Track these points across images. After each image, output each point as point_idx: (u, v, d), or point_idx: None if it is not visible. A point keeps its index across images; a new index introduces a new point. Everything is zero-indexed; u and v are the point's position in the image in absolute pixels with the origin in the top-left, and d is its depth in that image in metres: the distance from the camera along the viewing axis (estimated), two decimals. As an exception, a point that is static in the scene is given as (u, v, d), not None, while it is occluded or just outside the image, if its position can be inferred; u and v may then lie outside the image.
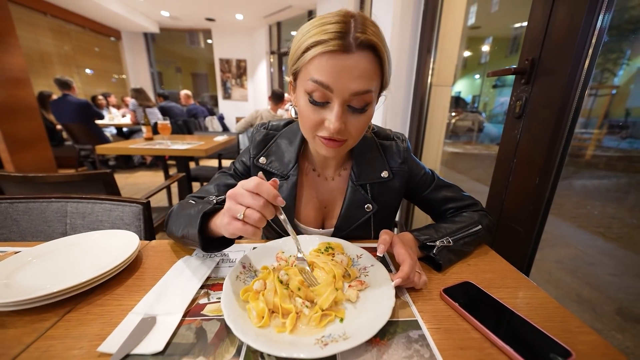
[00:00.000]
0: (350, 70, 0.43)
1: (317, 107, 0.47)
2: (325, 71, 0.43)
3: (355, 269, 0.49)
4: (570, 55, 0.64)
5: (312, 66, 0.44)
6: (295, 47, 0.47)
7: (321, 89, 0.44)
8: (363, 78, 0.44)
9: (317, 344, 0.33)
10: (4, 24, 2.47)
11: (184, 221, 0.50)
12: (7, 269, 0.44)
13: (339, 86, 0.44)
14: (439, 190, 0.65)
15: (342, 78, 0.43)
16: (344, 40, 0.42)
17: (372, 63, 0.44)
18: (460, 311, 0.41)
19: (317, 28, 0.43)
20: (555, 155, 0.70)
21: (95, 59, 5.54)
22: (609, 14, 0.61)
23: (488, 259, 0.56)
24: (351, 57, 0.42)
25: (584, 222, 2.27)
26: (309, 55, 0.43)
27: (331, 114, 0.46)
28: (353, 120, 0.48)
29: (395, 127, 1.68)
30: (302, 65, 0.46)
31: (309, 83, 0.45)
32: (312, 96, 0.46)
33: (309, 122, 0.49)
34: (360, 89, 0.44)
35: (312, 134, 0.50)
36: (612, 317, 1.33)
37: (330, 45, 0.42)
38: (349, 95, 0.44)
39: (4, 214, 0.75)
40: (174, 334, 0.36)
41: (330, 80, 0.43)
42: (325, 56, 0.43)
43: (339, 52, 0.42)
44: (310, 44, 0.43)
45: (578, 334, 0.38)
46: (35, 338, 0.35)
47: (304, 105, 0.48)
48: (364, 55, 0.43)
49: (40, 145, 2.83)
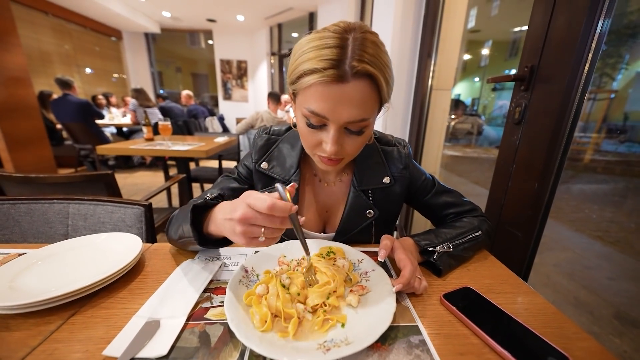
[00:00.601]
0: (346, 100, 0.42)
1: (314, 130, 0.48)
2: (321, 101, 0.43)
3: (357, 273, 0.49)
4: (570, 62, 0.65)
5: (309, 94, 0.44)
6: (293, 66, 0.45)
7: (317, 118, 0.45)
8: (359, 107, 0.43)
9: (319, 349, 0.33)
10: (5, 23, 2.47)
11: (180, 218, 0.51)
12: (12, 272, 0.45)
13: (335, 115, 0.44)
14: (440, 195, 0.66)
15: (338, 108, 0.43)
16: (339, 69, 0.41)
17: (368, 91, 0.43)
18: (460, 316, 0.41)
19: (314, 52, 0.42)
20: (554, 161, 0.70)
21: (96, 59, 5.54)
22: (608, 20, 0.62)
23: (487, 264, 0.57)
24: (346, 86, 0.42)
25: (582, 226, 2.28)
26: (305, 82, 0.43)
27: (327, 137, 0.46)
28: (350, 141, 0.48)
29: (396, 130, 1.69)
30: (299, 89, 0.46)
31: (305, 110, 0.45)
32: (310, 120, 0.46)
33: (307, 142, 0.51)
34: (356, 118, 0.44)
35: (311, 152, 0.52)
36: (610, 321, 1.34)
37: (325, 76, 0.41)
38: (344, 123, 0.45)
39: (6, 214, 0.75)
40: (178, 338, 0.36)
41: (325, 111, 0.43)
42: (320, 86, 0.42)
43: (334, 82, 0.41)
44: (306, 71, 0.42)
45: (575, 340, 0.38)
46: (40, 341, 0.35)
47: (302, 127, 0.49)
48: (360, 84, 0.42)
49: (40, 144, 2.83)
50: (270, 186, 0.63)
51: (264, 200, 0.35)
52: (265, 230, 0.37)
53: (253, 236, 0.38)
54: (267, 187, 0.63)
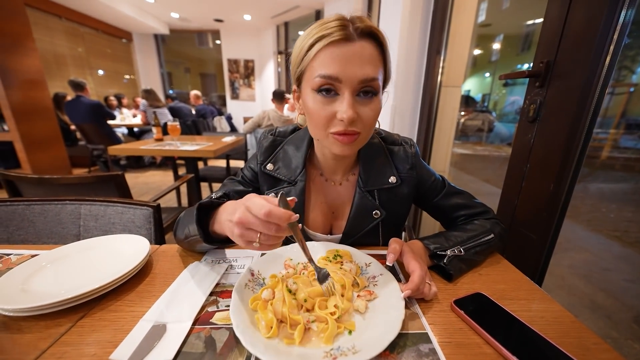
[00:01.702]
0: (356, 57, 0.44)
1: (326, 102, 0.47)
2: (332, 62, 0.44)
3: (364, 277, 0.48)
4: (589, 56, 0.62)
5: (318, 61, 0.45)
6: (298, 50, 0.48)
7: (330, 82, 0.45)
8: (369, 64, 0.45)
9: (326, 357, 0.32)
10: (22, 28, 2.55)
11: (187, 219, 0.51)
12: (24, 274, 0.45)
13: (347, 74, 0.44)
14: (450, 197, 0.64)
15: (349, 65, 0.44)
16: (346, 30, 0.44)
17: (375, 50, 0.46)
18: (472, 324, 0.40)
19: (318, 27, 0.45)
20: (571, 161, 0.67)
21: (108, 61, 5.67)
22: (632, 9, 0.58)
23: (500, 268, 0.55)
24: (355, 44, 0.44)
25: (599, 226, 2.20)
26: (313, 51, 0.45)
27: (342, 104, 0.46)
28: (364, 109, 0.47)
29: (404, 128, 1.66)
30: (306, 64, 0.47)
31: (317, 80, 0.46)
32: (321, 89, 0.46)
33: (320, 119, 0.48)
34: (368, 75, 0.45)
35: (325, 132, 0.49)
36: (629, 326, 1.29)
37: (333, 37, 0.43)
38: (358, 82, 0.45)
39: (21, 215, 0.77)
40: (184, 343, 0.36)
41: (337, 70, 0.44)
42: (329, 48, 0.44)
43: (343, 42, 0.44)
44: (313, 40, 0.45)
45: (595, 352, 0.36)
46: (50, 344, 0.35)
47: (313, 103, 0.48)
48: (367, 43, 0.45)
49: (55, 145, 2.92)
50: (277, 187, 0.63)
51: (261, 206, 0.35)
52: (261, 235, 0.36)
53: (249, 240, 0.37)
54: (273, 188, 0.63)
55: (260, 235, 0.36)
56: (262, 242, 0.37)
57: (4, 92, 2.35)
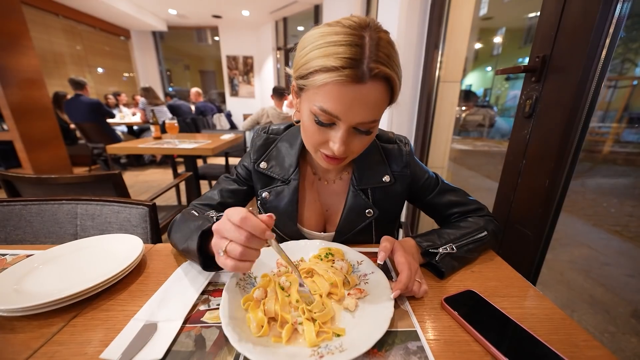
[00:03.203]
0: (361, 101, 0.41)
1: (321, 128, 0.46)
2: (335, 101, 0.41)
3: (355, 276, 0.48)
4: (585, 50, 0.61)
5: (322, 92, 0.42)
6: (303, 60, 0.43)
7: (329, 117, 0.43)
8: (373, 109, 0.43)
9: (313, 355, 0.33)
10: (19, 26, 2.53)
11: (186, 233, 0.49)
12: (17, 275, 0.46)
13: (347, 117, 0.42)
14: (444, 194, 0.64)
15: (353, 109, 0.42)
16: (358, 69, 0.39)
17: (383, 92, 0.42)
18: (461, 322, 0.40)
19: (327, 48, 0.40)
20: (567, 156, 0.67)
21: (106, 58, 5.65)
22: (628, 3, 0.57)
23: (493, 265, 0.55)
24: (364, 87, 0.40)
25: (600, 221, 2.19)
26: (318, 80, 0.41)
27: (336, 137, 0.45)
28: (356, 140, 0.47)
29: (402, 124, 1.65)
30: (310, 85, 0.43)
31: (316, 109, 0.43)
32: (319, 118, 0.44)
33: (311, 140, 0.48)
34: (369, 119, 0.43)
35: (314, 149, 0.50)
36: (627, 320, 1.29)
37: (343, 75, 0.39)
38: (356, 123, 0.44)
39: (18, 215, 0.78)
40: (174, 342, 0.36)
41: (339, 111, 0.42)
42: (336, 86, 0.40)
43: (352, 83, 0.40)
44: (320, 68, 0.40)
45: (585, 349, 0.36)
46: (42, 343, 0.36)
47: (308, 124, 0.47)
48: (377, 86, 0.41)
49: (55, 144, 2.92)
50: (270, 186, 0.62)
51: (239, 211, 0.35)
52: (229, 244, 0.36)
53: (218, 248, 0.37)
54: (267, 187, 0.63)
55: (228, 243, 0.36)
56: (229, 250, 0.36)
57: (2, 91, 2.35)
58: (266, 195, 0.62)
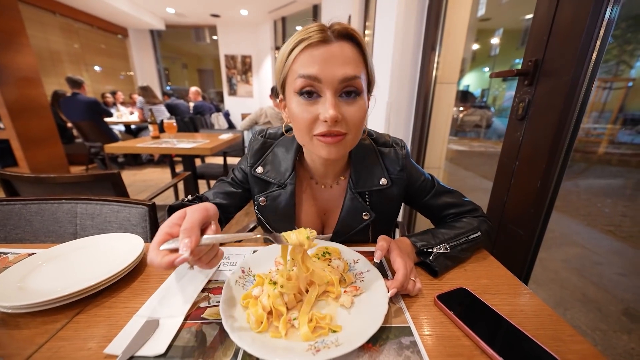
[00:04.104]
0: (334, 57, 0.45)
1: (309, 104, 0.47)
2: (311, 63, 0.45)
3: (351, 274, 0.50)
4: (575, 54, 0.62)
5: (298, 64, 0.46)
6: (280, 57, 0.50)
7: (310, 82, 0.46)
8: (349, 64, 0.46)
9: (309, 350, 0.34)
10: (15, 24, 2.52)
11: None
12: (21, 273, 0.47)
13: (326, 74, 0.45)
14: (439, 196, 0.65)
15: (329, 65, 0.45)
16: (324, 33, 0.45)
17: (354, 50, 0.47)
18: (453, 318, 0.41)
19: (298, 34, 0.47)
20: (558, 157, 0.69)
21: (104, 57, 5.62)
22: (617, 7, 0.59)
23: (485, 264, 0.57)
24: (333, 45, 0.46)
25: (594, 220, 2.22)
26: (293, 54, 0.46)
27: (324, 105, 0.46)
28: (347, 109, 0.47)
29: (399, 125, 1.67)
30: (288, 68, 0.48)
31: (298, 80, 0.46)
32: (303, 91, 0.47)
33: (303, 121, 0.48)
34: (348, 74, 0.46)
35: (309, 135, 0.49)
36: (618, 318, 1.32)
37: (311, 39, 0.45)
38: (338, 82, 0.46)
39: (18, 214, 0.78)
40: (176, 337, 0.37)
41: (317, 70, 0.45)
42: (308, 50, 0.46)
43: (321, 43, 0.45)
44: (293, 45, 0.47)
45: (569, 343, 0.38)
46: (47, 339, 0.37)
47: (296, 106, 0.48)
48: (345, 44, 0.46)
49: (52, 143, 2.91)
50: (267, 190, 0.63)
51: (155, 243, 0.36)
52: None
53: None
54: (264, 191, 0.63)
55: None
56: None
57: (-2, 89, 2.34)
58: (263, 200, 0.63)
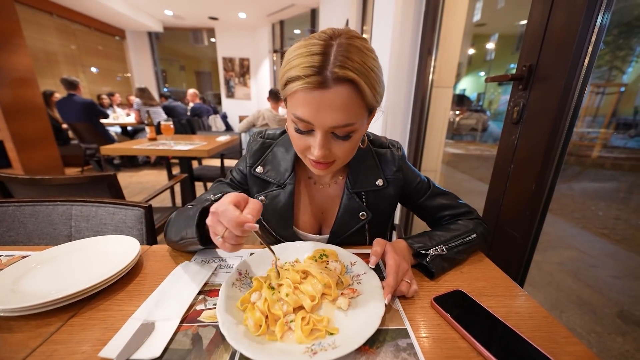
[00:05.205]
0: (328, 105, 0.43)
1: (302, 135, 0.49)
2: (305, 107, 0.44)
3: (348, 276, 0.50)
4: (568, 59, 0.64)
5: (294, 100, 0.45)
6: (282, 73, 0.46)
7: (303, 123, 0.46)
8: (342, 112, 0.44)
9: (306, 352, 0.34)
10: (11, 24, 2.50)
11: (182, 223, 0.52)
12: (14, 275, 0.46)
13: (318, 121, 0.45)
14: (435, 197, 0.66)
15: (321, 113, 0.44)
16: (321, 75, 0.41)
17: (350, 96, 0.43)
18: (449, 320, 0.42)
19: (299, 59, 0.43)
20: (552, 160, 0.70)
21: (101, 58, 5.60)
22: (608, 13, 0.61)
23: (481, 266, 0.57)
24: (328, 92, 0.42)
25: (588, 223, 2.25)
26: (290, 89, 0.44)
27: (314, 142, 0.47)
28: (338, 145, 0.49)
29: (396, 129, 1.68)
30: (286, 95, 0.48)
31: (292, 116, 0.47)
32: (297, 126, 0.48)
33: (297, 146, 0.52)
34: (340, 122, 0.44)
35: (302, 155, 0.53)
36: (613, 320, 1.33)
37: (307, 82, 0.42)
38: (329, 128, 0.45)
39: (12, 216, 0.77)
40: (171, 340, 0.37)
41: (309, 116, 0.44)
42: (303, 92, 0.43)
43: (316, 89, 0.42)
44: (291, 78, 0.44)
45: (564, 345, 0.38)
46: (40, 342, 0.37)
47: (292, 132, 0.50)
48: (342, 90, 0.42)
49: (47, 144, 2.88)
50: (266, 190, 0.64)
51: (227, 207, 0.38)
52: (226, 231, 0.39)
53: (215, 232, 0.40)
54: (263, 191, 0.64)
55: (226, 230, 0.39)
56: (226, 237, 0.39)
57: (-7, 90, 2.32)
58: (262, 199, 0.63)
